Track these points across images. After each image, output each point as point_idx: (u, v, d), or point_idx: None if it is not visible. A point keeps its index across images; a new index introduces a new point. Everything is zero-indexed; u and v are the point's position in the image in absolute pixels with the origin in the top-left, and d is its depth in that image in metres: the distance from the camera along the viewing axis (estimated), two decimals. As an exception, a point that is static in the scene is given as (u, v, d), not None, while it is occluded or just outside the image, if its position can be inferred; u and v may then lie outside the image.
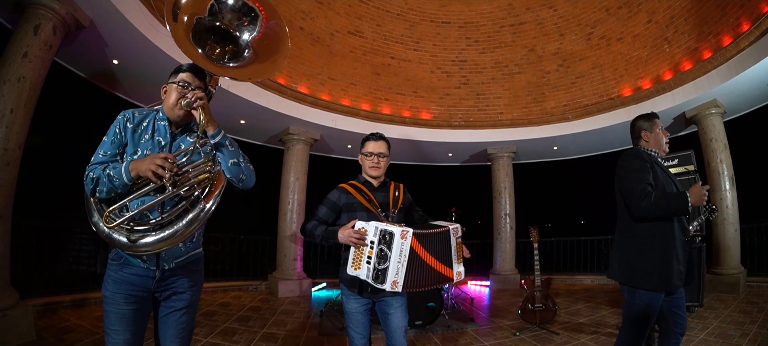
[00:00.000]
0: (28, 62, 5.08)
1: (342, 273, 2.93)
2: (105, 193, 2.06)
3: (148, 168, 2.00)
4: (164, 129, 2.29)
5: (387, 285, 2.54)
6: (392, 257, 2.54)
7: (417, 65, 10.28)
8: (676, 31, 8.61)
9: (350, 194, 3.02)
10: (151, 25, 6.13)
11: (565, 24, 9.82)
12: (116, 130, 2.20)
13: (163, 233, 2.04)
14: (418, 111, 10.23)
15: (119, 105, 7.83)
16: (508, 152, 10.66)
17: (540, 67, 10.15)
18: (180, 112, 2.25)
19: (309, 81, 9.19)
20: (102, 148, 2.17)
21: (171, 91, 2.28)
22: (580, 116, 9.66)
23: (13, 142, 4.92)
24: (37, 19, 5.17)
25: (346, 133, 9.50)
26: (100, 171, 2.05)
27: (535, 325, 5.96)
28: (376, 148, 3.12)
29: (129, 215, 2.01)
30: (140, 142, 2.22)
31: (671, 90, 8.41)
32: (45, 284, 6.59)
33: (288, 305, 7.94)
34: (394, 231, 2.52)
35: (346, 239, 2.71)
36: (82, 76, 7.38)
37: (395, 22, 9.87)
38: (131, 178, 2.04)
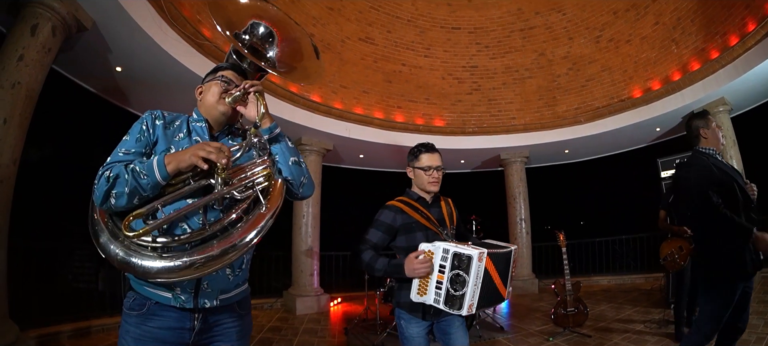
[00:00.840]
0: (24, 66, 4.47)
1: (401, 298, 2.64)
2: (124, 199, 1.52)
3: (196, 153, 1.55)
4: (202, 130, 1.87)
5: (464, 310, 2.30)
6: (470, 281, 2.28)
7: (428, 72, 10.06)
8: (683, 32, 8.55)
9: (406, 213, 2.68)
10: (160, 28, 5.68)
11: (574, 27, 9.69)
12: (142, 127, 1.77)
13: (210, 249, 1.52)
14: (431, 118, 10.04)
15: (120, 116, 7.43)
16: (522, 157, 10.51)
17: (550, 71, 9.99)
18: (223, 110, 1.87)
19: (321, 90, 8.89)
20: (123, 146, 1.70)
21: (210, 88, 1.91)
22: (592, 119, 9.55)
23: (7, 157, 4.30)
24: (34, 19, 4.57)
25: (359, 142, 9.24)
26: (120, 168, 1.55)
27: (567, 329, 5.83)
28: (434, 161, 2.78)
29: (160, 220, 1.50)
30: (174, 140, 1.79)
31: (681, 90, 8.33)
32: (45, 311, 6.01)
33: (309, 323, 7.45)
34: (472, 254, 2.26)
35: (416, 274, 2.39)
36: (80, 84, 6.83)
37: (406, 28, 9.65)
38: (167, 174, 1.55)
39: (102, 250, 1.51)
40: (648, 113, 8.78)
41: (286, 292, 8.83)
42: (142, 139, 1.71)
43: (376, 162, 11.20)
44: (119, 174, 1.51)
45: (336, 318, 7.94)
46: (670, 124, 9.13)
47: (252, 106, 1.80)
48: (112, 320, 6.26)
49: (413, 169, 2.82)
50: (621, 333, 5.67)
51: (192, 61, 6.23)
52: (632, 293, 8.75)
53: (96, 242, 1.54)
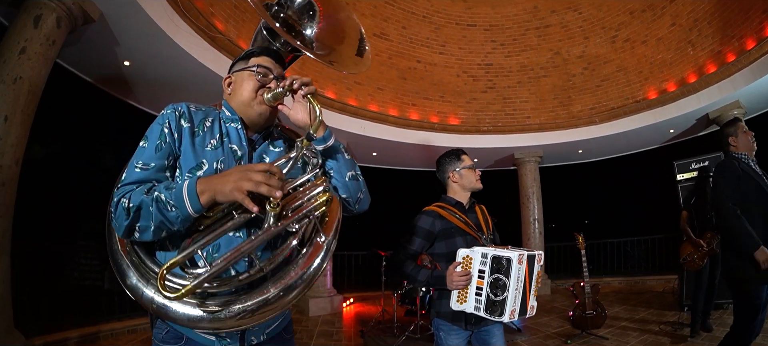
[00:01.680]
0: (26, 59, 4.14)
1: (440, 307, 2.52)
2: (151, 235, 1.19)
3: (239, 187, 1.13)
4: (238, 134, 1.46)
5: (505, 316, 2.16)
6: (511, 285, 2.14)
7: (443, 69, 9.83)
8: (699, 34, 8.35)
9: (445, 219, 2.60)
10: (171, 20, 5.35)
11: (590, 27, 9.47)
12: (164, 129, 1.34)
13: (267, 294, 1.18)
14: (446, 116, 9.86)
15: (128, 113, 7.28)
16: (536, 157, 10.34)
17: (565, 71, 9.78)
18: (260, 110, 1.47)
19: (335, 86, 8.67)
20: (140, 158, 1.30)
21: (243, 82, 1.49)
22: (607, 119, 9.37)
23: (9, 157, 3.98)
24: (38, 10, 4.25)
25: (374, 140, 9.02)
26: (141, 195, 1.18)
27: (584, 331, 5.75)
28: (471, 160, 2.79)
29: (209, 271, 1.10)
30: (205, 150, 1.37)
31: (696, 92, 8.18)
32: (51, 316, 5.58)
33: (323, 325, 7.17)
34: (512, 256, 2.14)
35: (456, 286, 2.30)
36: (86, 79, 6.47)
37: (421, 24, 9.41)
38: (201, 206, 1.16)
39: (132, 293, 1.22)
40: (663, 115, 8.64)
41: None
42: (164, 146, 1.33)
43: (389, 160, 11.01)
44: (141, 205, 1.18)
45: (350, 319, 7.72)
46: (684, 125, 9.01)
47: (300, 109, 1.48)
48: (121, 325, 5.99)
49: (458, 171, 2.71)
50: (638, 335, 5.63)
51: (205, 56, 5.99)
52: (645, 295, 8.58)
53: (123, 282, 1.25)
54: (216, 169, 1.36)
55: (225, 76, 1.58)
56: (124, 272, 1.24)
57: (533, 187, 10.28)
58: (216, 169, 1.36)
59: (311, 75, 5.12)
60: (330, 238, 1.34)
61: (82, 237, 7.35)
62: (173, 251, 1.28)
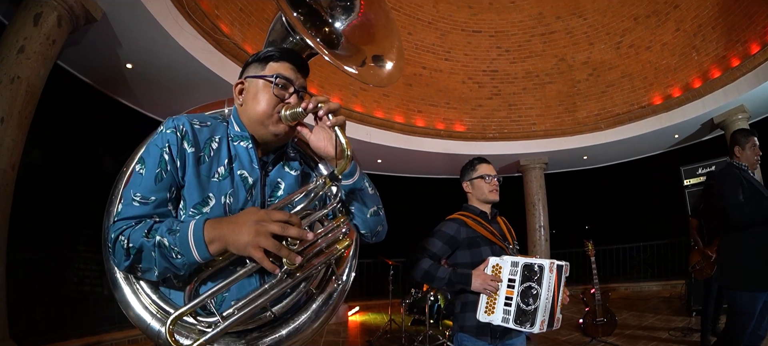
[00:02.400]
0: (25, 59, 3.95)
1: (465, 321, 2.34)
2: (155, 275, 1.09)
3: (255, 244, 1.00)
4: (248, 155, 1.26)
5: (536, 327, 2.06)
6: (542, 294, 2.07)
7: (448, 75, 9.82)
8: (703, 39, 8.34)
9: (471, 227, 2.46)
10: (176, 21, 5.22)
11: (595, 33, 9.49)
12: (164, 155, 1.15)
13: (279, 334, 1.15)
14: (452, 123, 9.83)
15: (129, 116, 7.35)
16: (541, 163, 10.27)
17: (570, 77, 9.79)
18: (277, 131, 1.24)
19: (341, 92, 8.63)
20: (138, 188, 1.13)
21: (258, 93, 1.25)
22: (612, 125, 9.33)
23: (5, 162, 3.77)
24: (38, 7, 4.07)
25: (379, 147, 8.93)
26: (141, 236, 1.05)
27: (595, 338, 5.67)
28: (491, 170, 2.65)
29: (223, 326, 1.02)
30: (211, 182, 1.20)
31: (701, 97, 8.14)
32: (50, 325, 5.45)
33: (328, 335, 6.94)
34: (544, 264, 2.09)
35: (483, 288, 2.19)
36: (87, 82, 6.36)
37: (426, 30, 9.42)
38: (209, 256, 1.03)
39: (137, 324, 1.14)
40: (668, 120, 8.61)
41: None
42: (165, 176, 1.15)
43: (393, 167, 10.96)
44: (142, 248, 1.05)
45: (355, 329, 7.56)
46: (689, 130, 8.99)
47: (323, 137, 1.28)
48: (122, 335, 5.82)
49: (471, 181, 2.64)
50: (647, 342, 5.58)
51: (210, 59, 5.94)
52: (652, 301, 8.49)
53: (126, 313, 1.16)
54: (224, 203, 1.20)
55: (236, 81, 1.32)
56: (128, 303, 1.15)
57: (539, 194, 10.24)
58: (224, 205, 1.20)
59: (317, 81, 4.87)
60: (344, 278, 1.30)
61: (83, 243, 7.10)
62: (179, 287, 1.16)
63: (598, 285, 5.62)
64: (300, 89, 1.28)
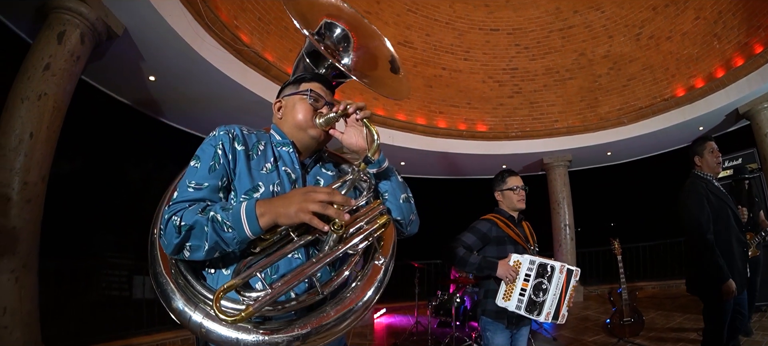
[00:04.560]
0: (50, 76, 4.11)
1: (486, 306, 2.87)
2: (203, 254, 1.19)
3: (305, 208, 1.14)
4: (291, 158, 1.49)
5: (542, 316, 2.59)
6: (551, 289, 2.58)
7: (468, 75, 9.92)
8: (724, 26, 8.23)
9: (500, 228, 2.94)
10: (197, 34, 5.36)
11: (613, 26, 9.48)
12: (217, 151, 1.34)
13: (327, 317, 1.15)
14: (474, 123, 9.93)
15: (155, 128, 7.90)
16: (564, 161, 10.26)
17: (591, 72, 9.79)
18: (315, 134, 1.49)
19: (362, 96, 8.65)
20: (192, 176, 1.30)
21: (296, 106, 1.52)
22: (635, 119, 9.27)
23: (35, 174, 3.94)
24: (61, 26, 4.24)
25: (402, 149, 9.06)
26: (194, 214, 1.18)
27: (622, 339, 5.64)
28: (520, 182, 3.05)
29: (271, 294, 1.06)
30: (260, 173, 1.38)
31: (725, 87, 7.99)
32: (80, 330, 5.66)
33: (354, 337, 7.04)
34: (555, 265, 2.61)
35: (505, 274, 2.67)
36: (112, 95, 6.54)
37: (444, 30, 9.55)
38: (260, 229, 1.16)
39: (178, 317, 1.18)
40: (692, 112, 8.51)
41: None
42: (218, 168, 1.32)
43: (418, 169, 11.15)
44: (195, 224, 1.16)
45: (381, 331, 7.66)
46: (713, 122, 8.85)
47: (354, 134, 1.50)
48: (151, 339, 5.91)
49: (501, 192, 3.06)
50: (674, 343, 5.53)
51: (231, 69, 6.12)
52: (680, 300, 8.33)
53: (167, 306, 1.20)
54: (272, 192, 1.38)
55: (275, 101, 1.62)
56: (169, 296, 1.20)
57: (563, 192, 10.28)
58: (272, 193, 1.38)
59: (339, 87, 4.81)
60: (387, 259, 1.36)
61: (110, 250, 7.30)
62: (222, 271, 1.28)
63: (625, 284, 5.63)
64: (329, 102, 1.55)
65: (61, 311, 5.75)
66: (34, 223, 3.93)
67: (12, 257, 3.68)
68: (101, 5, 4.44)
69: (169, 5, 4.83)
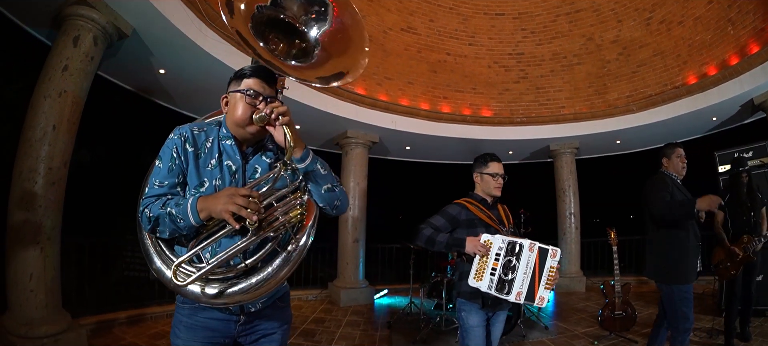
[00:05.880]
0: (68, 76, 4.90)
1: (461, 287, 3.01)
2: (167, 234, 1.75)
3: (226, 209, 1.60)
4: (233, 150, 1.89)
5: (512, 296, 2.69)
6: (520, 268, 2.69)
7: (473, 60, 10.33)
8: (739, 11, 8.15)
9: (470, 210, 3.11)
10: (199, 30, 6.00)
11: (623, 9, 9.60)
12: (173, 154, 1.82)
13: (249, 282, 1.68)
14: (479, 108, 10.38)
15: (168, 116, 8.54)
16: (571, 148, 10.65)
17: (600, 57, 10.05)
18: (252, 131, 1.84)
19: (365, 82, 9.39)
20: (156, 176, 1.81)
21: (236, 104, 1.85)
22: (645, 107, 9.44)
23: (58, 160, 4.76)
24: (76, 31, 5.01)
25: (405, 134, 9.64)
26: (158, 208, 1.72)
27: (613, 333, 5.88)
28: (501, 169, 3.21)
29: (204, 269, 1.63)
30: (206, 170, 1.85)
31: (739, 76, 7.95)
32: (99, 300, 6.66)
33: (352, 315, 7.82)
34: (523, 243, 2.71)
35: (474, 248, 2.80)
36: (127, 88, 7.37)
37: (448, 16, 9.92)
38: (200, 220, 1.68)
39: (157, 274, 1.75)
40: (704, 101, 8.49)
41: (331, 284, 9.43)
42: (174, 168, 1.80)
43: (423, 154, 11.72)
44: (159, 217, 1.70)
45: (380, 311, 8.33)
46: (727, 113, 8.87)
47: (279, 133, 1.76)
48: (162, 309, 6.92)
49: (481, 174, 3.20)
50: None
51: (234, 61, 6.85)
52: None
53: (150, 266, 1.78)
54: (215, 186, 1.82)
55: (222, 96, 1.94)
56: (151, 258, 1.77)
57: (569, 179, 10.65)
58: (215, 187, 1.82)
59: None
60: (303, 241, 1.77)
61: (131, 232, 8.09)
62: (186, 246, 1.77)
63: (619, 276, 5.71)
64: (268, 98, 1.81)
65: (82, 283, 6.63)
66: (58, 202, 4.69)
67: (38, 231, 4.47)
68: (110, 10, 5.09)
69: (171, 5, 5.40)
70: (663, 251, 3.90)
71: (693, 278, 3.82)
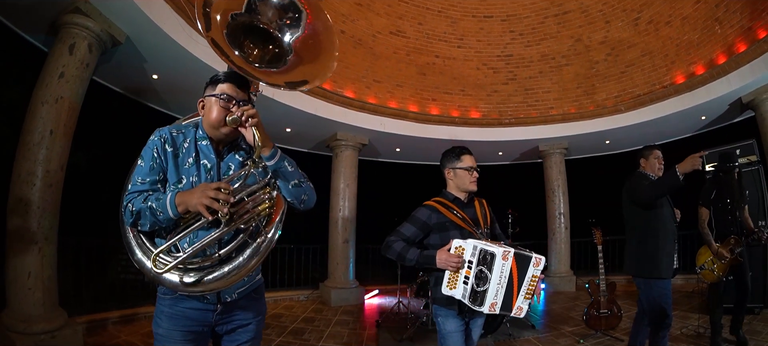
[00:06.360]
0: (65, 82, 5.22)
1: (435, 293, 2.90)
2: (148, 227, 1.95)
3: (200, 202, 1.81)
4: (208, 149, 2.11)
5: (485, 307, 2.53)
6: (492, 279, 2.50)
7: (462, 62, 10.66)
8: (726, 10, 8.30)
9: (441, 213, 2.95)
10: (190, 37, 6.31)
11: (611, 10, 9.88)
12: (154, 154, 2.03)
13: (223, 270, 1.88)
14: (467, 110, 10.72)
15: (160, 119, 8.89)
16: (560, 148, 10.96)
17: (588, 58, 10.34)
18: (225, 132, 2.06)
19: (354, 85, 9.75)
20: (139, 174, 2.01)
21: (211, 107, 2.07)
22: (633, 107, 9.69)
23: (55, 164, 5.09)
24: (71, 39, 5.32)
25: (394, 136, 10.02)
26: (140, 203, 1.92)
27: (599, 332, 6.01)
28: (474, 162, 3.07)
29: (181, 257, 1.83)
30: (183, 168, 2.07)
31: (726, 74, 8.14)
32: (93, 299, 7.03)
33: (342, 315, 8.20)
34: (496, 252, 2.49)
35: (446, 264, 2.67)
36: (122, 93, 7.81)
37: (437, 19, 10.26)
38: (178, 213, 1.87)
39: (138, 265, 1.94)
40: (691, 100, 8.69)
41: (322, 284, 9.76)
42: (155, 166, 2.01)
43: (413, 155, 12.02)
44: (141, 211, 1.89)
45: (370, 311, 8.67)
46: (716, 112, 9.09)
47: (250, 134, 1.93)
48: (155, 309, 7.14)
49: (453, 169, 3.05)
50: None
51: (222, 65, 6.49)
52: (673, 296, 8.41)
53: (131, 257, 1.97)
54: (191, 182, 2.03)
55: (199, 100, 2.14)
56: (133, 249, 1.96)
57: (558, 180, 10.93)
58: (192, 183, 2.03)
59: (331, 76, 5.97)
60: (271, 233, 1.99)
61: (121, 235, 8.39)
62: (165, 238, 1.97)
63: (603, 275, 5.84)
64: (240, 101, 2.02)
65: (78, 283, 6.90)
66: (55, 204, 5.01)
67: (36, 231, 4.80)
68: (104, 18, 5.41)
69: (162, 14, 5.74)
70: (640, 247, 4.06)
71: (670, 273, 3.94)
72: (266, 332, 6.58)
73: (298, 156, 10.55)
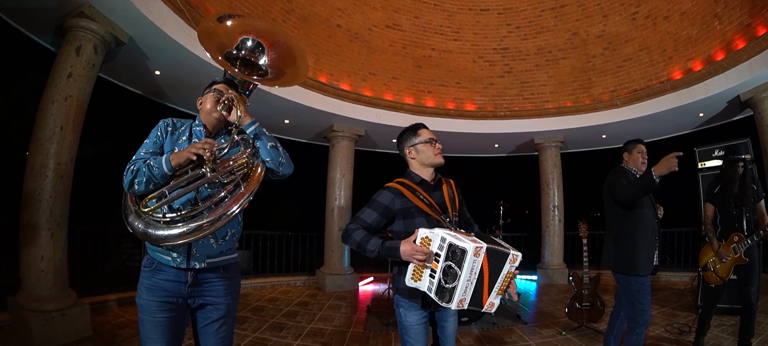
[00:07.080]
0: (73, 82, 5.77)
1: (398, 283, 2.77)
2: (143, 185, 2.27)
3: (189, 151, 2.26)
4: (201, 133, 2.59)
5: (453, 304, 2.39)
6: (462, 275, 2.34)
7: (458, 55, 11.06)
8: (726, 6, 8.44)
9: (405, 197, 2.76)
10: (189, 36, 6.80)
11: (608, 4, 10.09)
12: (158, 133, 2.52)
13: (202, 221, 2.21)
14: (463, 102, 11.14)
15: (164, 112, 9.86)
16: (556, 142, 11.37)
17: (585, 52, 10.63)
18: (216, 116, 2.56)
19: (350, 78, 10.26)
20: (144, 147, 2.46)
21: (207, 100, 2.61)
22: (629, 102, 10.00)
23: (65, 157, 5.65)
24: (78, 41, 5.88)
25: (390, 127, 10.47)
26: (141, 164, 2.29)
27: (581, 324, 6.20)
28: (432, 133, 2.95)
29: (166, 199, 2.22)
30: (178, 143, 2.53)
31: (724, 71, 8.34)
32: (99, 283, 7.65)
33: (335, 299, 8.78)
34: (467, 248, 2.31)
35: (411, 257, 2.49)
36: (127, 88, 8.46)
37: (433, 12, 10.63)
38: (172, 167, 2.27)
39: (129, 226, 2.24)
40: (688, 97, 8.94)
41: (319, 270, 10.42)
42: (158, 141, 2.49)
43: None
44: (140, 168, 2.27)
45: (364, 296, 9.27)
46: (714, 109, 9.34)
47: (234, 112, 2.48)
48: None
49: (414, 147, 2.90)
50: None
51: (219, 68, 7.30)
52: (663, 292, 8.96)
53: (125, 221, 2.28)
54: None
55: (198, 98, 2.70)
56: (127, 214, 2.29)
57: (553, 173, 11.37)
58: None
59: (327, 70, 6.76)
60: (250, 189, 2.38)
61: None
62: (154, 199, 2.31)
63: (588, 269, 6.03)
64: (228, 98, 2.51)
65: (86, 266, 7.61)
66: (65, 193, 5.62)
67: (49, 218, 5.44)
68: (108, 21, 6.00)
69: (162, 15, 6.32)
70: (619, 242, 4.14)
71: (648, 270, 4.02)
72: (261, 314, 7.10)
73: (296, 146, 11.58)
